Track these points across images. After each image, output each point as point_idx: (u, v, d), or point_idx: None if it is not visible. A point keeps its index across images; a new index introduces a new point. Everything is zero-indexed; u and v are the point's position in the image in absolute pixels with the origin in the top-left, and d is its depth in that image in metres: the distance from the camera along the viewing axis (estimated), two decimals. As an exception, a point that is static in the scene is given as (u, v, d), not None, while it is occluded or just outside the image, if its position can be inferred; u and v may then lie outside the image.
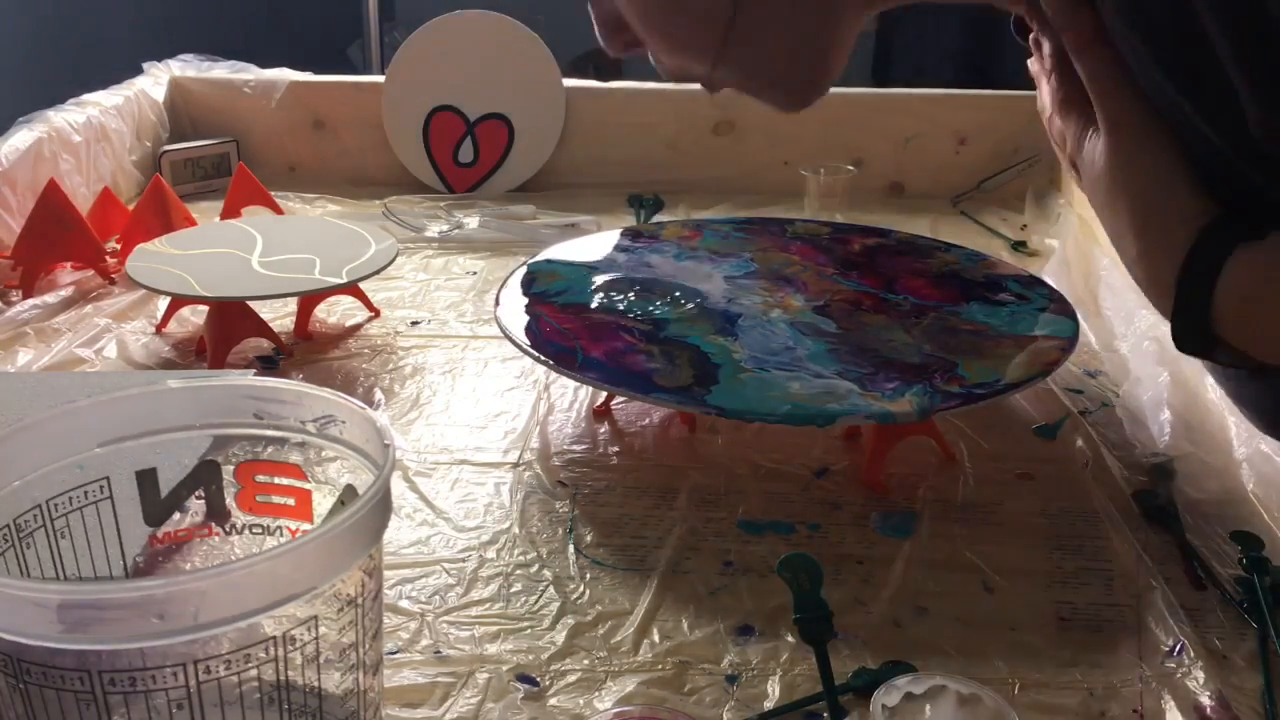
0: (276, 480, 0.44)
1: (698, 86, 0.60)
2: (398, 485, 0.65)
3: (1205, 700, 0.49)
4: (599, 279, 0.79)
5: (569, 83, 1.25)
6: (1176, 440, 0.71)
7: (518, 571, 0.58)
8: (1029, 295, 0.77)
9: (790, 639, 0.53)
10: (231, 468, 0.45)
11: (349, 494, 0.43)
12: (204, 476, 0.44)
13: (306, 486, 0.44)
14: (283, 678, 0.36)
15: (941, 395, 0.63)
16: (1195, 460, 0.69)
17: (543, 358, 0.67)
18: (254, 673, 0.35)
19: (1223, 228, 0.48)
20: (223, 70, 1.32)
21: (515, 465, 0.68)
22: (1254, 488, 0.66)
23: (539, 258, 0.83)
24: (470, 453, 0.70)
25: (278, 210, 1.10)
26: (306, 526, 0.45)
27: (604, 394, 0.75)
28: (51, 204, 0.93)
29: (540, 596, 0.56)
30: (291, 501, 0.45)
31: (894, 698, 0.43)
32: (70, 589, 0.33)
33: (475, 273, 1.00)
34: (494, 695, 0.49)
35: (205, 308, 0.81)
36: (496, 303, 0.74)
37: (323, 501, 0.44)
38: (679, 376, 0.65)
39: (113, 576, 0.43)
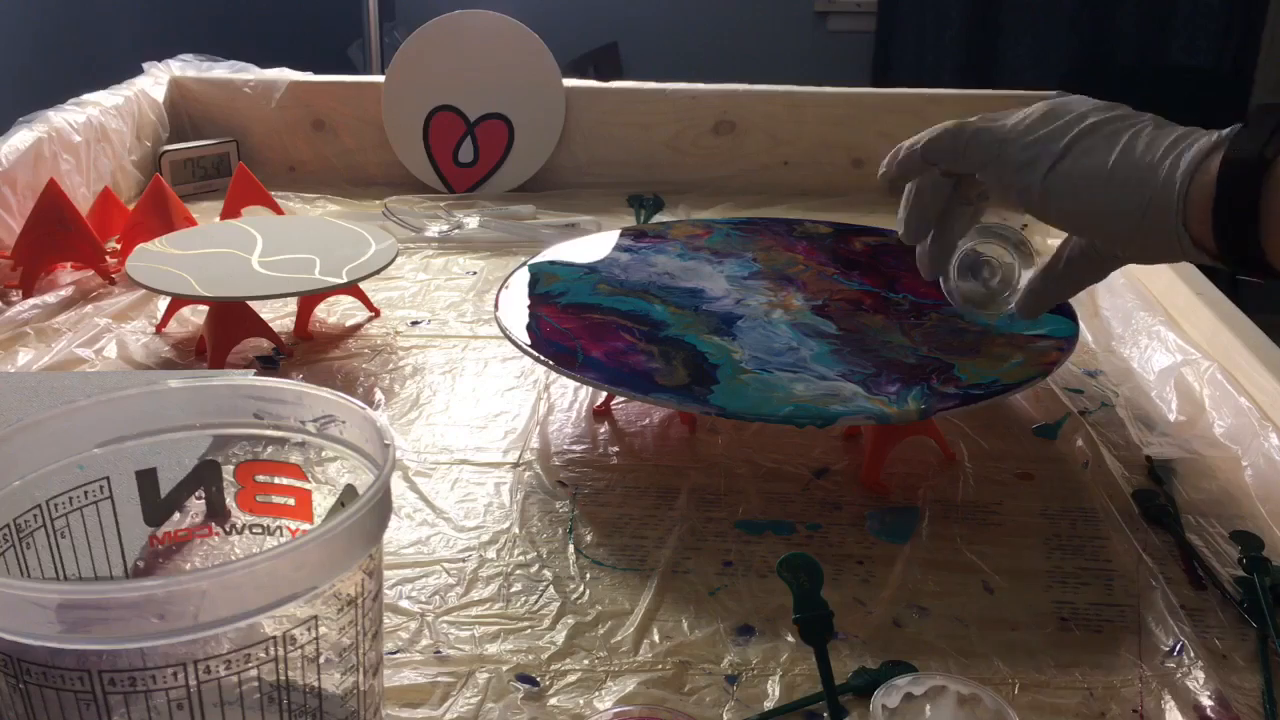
0: (276, 480, 0.44)
1: (698, 86, 0.60)
2: (398, 485, 0.65)
3: (1205, 700, 0.49)
4: (600, 280, 0.79)
5: (569, 83, 1.24)
6: (1177, 439, 0.71)
7: (518, 571, 0.58)
8: (1029, 295, 0.77)
9: (790, 639, 0.53)
10: (231, 468, 0.45)
11: (349, 494, 0.43)
12: (204, 476, 0.44)
13: (306, 486, 0.44)
14: (283, 678, 0.36)
15: (940, 396, 0.63)
16: (1195, 460, 0.69)
17: (543, 358, 0.67)
18: (254, 673, 0.35)
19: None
20: (223, 70, 1.32)
21: (515, 465, 0.68)
22: (1254, 488, 0.66)
23: (540, 258, 0.83)
24: (470, 453, 0.70)
25: (278, 210, 1.09)
26: (306, 526, 0.45)
27: (604, 394, 0.75)
28: (51, 204, 0.93)
29: (540, 596, 0.56)
30: (291, 501, 0.45)
31: (894, 698, 0.43)
32: (70, 589, 0.33)
33: (475, 273, 1.00)
34: (494, 695, 0.49)
35: (205, 308, 0.81)
36: (496, 305, 0.74)
37: (323, 501, 0.44)
38: (675, 377, 0.65)
39: (113, 576, 0.43)
